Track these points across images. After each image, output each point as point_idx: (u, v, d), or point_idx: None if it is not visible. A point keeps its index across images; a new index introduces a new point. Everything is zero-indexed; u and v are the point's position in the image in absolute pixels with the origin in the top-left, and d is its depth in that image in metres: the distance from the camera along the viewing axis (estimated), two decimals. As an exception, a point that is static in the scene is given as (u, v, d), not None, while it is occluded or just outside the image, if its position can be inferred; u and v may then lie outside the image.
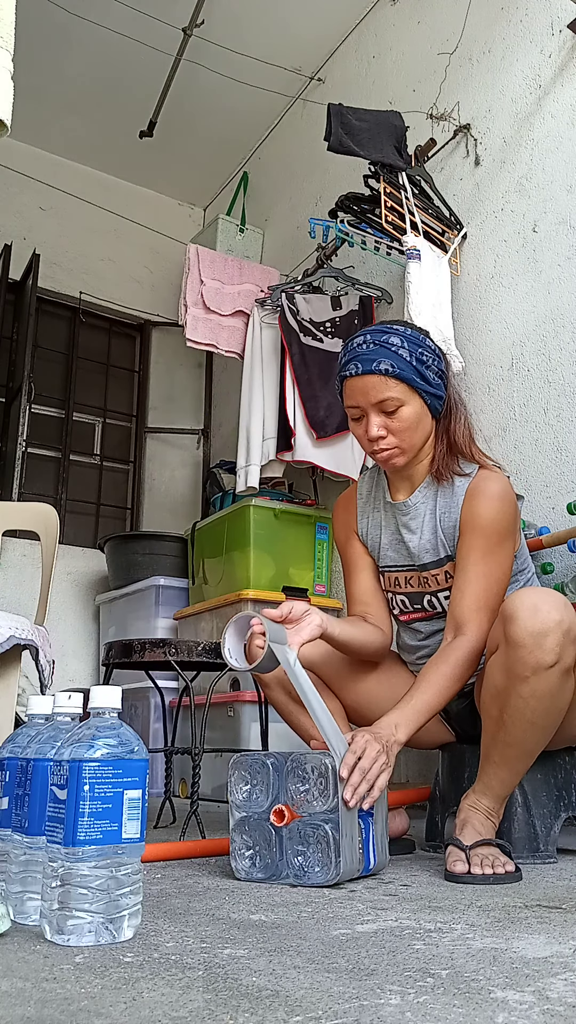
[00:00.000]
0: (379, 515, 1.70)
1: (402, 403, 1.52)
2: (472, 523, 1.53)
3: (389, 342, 1.51)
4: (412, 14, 3.53)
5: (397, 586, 1.70)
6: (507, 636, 1.31)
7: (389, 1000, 0.68)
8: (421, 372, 1.51)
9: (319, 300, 3.42)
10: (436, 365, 1.55)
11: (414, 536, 1.62)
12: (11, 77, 1.36)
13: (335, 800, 1.26)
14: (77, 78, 4.20)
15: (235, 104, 4.30)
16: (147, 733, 3.27)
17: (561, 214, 2.70)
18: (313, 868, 1.26)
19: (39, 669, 1.78)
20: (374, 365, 1.49)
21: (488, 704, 1.39)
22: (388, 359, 1.49)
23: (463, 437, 1.59)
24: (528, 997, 0.69)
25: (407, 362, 1.50)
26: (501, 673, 1.33)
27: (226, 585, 3.33)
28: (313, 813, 1.27)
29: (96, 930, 0.88)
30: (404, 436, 1.54)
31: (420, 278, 2.76)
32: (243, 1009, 0.66)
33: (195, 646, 1.99)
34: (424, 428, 1.57)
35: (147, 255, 4.90)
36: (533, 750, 1.39)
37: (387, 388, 1.50)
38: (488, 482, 1.54)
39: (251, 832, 1.32)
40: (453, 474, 1.58)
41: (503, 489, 1.54)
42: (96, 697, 0.96)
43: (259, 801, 1.33)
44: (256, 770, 1.34)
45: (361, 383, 1.52)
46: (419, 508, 1.62)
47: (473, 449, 1.60)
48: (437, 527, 1.59)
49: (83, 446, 4.66)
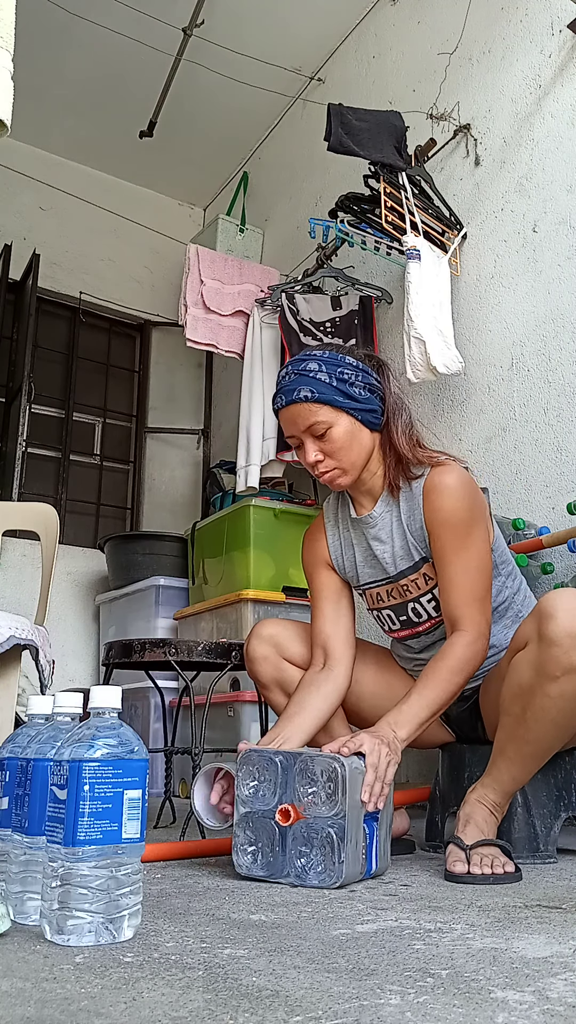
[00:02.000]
0: (348, 534, 1.70)
1: (330, 425, 1.52)
2: (436, 520, 1.53)
3: (307, 369, 1.52)
4: (412, 14, 3.53)
5: (380, 601, 1.70)
6: (543, 633, 1.30)
7: (389, 1000, 0.68)
8: (343, 391, 1.52)
9: (319, 300, 3.42)
10: (361, 380, 1.54)
11: (386, 546, 1.62)
12: (11, 77, 1.36)
13: (342, 806, 1.25)
14: (77, 78, 4.20)
15: (235, 104, 4.30)
16: (147, 733, 3.27)
17: (561, 214, 2.70)
18: (315, 870, 1.25)
19: (39, 669, 1.78)
20: (296, 394, 1.52)
21: (510, 700, 1.37)
22: (307, 386, 1.51)
23: (405, 445, 1.58)
24: (528, 997, 0.69)
25: (326, 384, 1.51)
26: (530, 670, 1.32)
27: (226, 585, 3.33)
28: (319, 816, 1.26)
29: (96, 930, 0.88)
30: (340, 456, 1.54)
31: (420, 278, 2.76)
32: (243, 1009, 0.66)
33: (195, 646, 1.99)
34: (361, 444, 1.56)
35: (147, 255, 4.90)
36: (550, 749, 1.39)
37: (311, 414, 1.52)
38: (442, 476, 1.54)
39: (255, 828, 1.32)
40: (408, 479, 1.58)
41: (459, 479, 1.54)
42: (96, 697, 0.96)
43: (266, 798, 1.32)
44: (264, 767, 1.33)
45: (288, 413, 1.55)
46: (384, 518, 1.62)
47: (418, 453, 1.59)
48: (405, 532, 1.59)
49: (83, 446, 4.66)
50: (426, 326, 2.73)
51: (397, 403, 1.61)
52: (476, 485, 1.58)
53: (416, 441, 1.60)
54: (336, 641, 1.63)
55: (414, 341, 2.72)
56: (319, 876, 1.25)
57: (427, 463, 1.58)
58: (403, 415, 1.60)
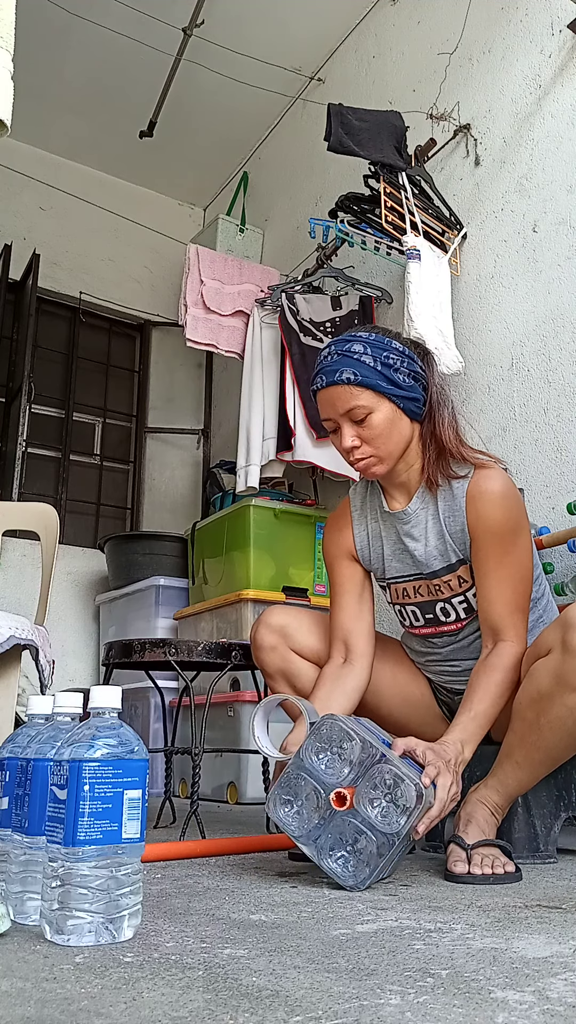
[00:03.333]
0: (377, 526, 1.64)
1: (371, 410, 1.46)
2: (482, 527, 1.48)
3: (351, 350, 1.47)
4: (412, 14, 3.53)
5: (406, 597, 1.64)
6: (567, 643, 1.28)
7: (389, 1000, 0.68)
8: (388, 376, 1.46)
9: (319, 300, 3.42)
10: (406, 367, 1.49)
11: (419, 544, 1.57)
12: (11, 77, 1.36)
13: (401, 829, 1.20)
14: (77, 78, 4.20)
15: (235, 104, 4.30)
16: (147, 733, 3.27)
17: (561, 214, 2.70)
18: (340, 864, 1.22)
19: (39, 669, 1.78)
20: (337, 375, 1.46)
21: (526, 706, 1.36)
22: (351, 368, 1.45)
23: (450, 439, 1.52)
24: (528, 997, 0.69)
25: (371, 368, 1.45)
26: (550, 678, 1.31)
27: (226, 585, 3.33)
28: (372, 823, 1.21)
29: (96, 930, 0.88)
30: (378, 444, 1.49)
31: (420, 278, 2.76)
32: (243, 1009, 0.66)
33: (195, 646, 1.99)
34: (400, 433, 1.50)
35: (147, 255, 4.90)
36: (560, 758, 1.38)
37: (353, 397, 1.46)
38: (489, 482, 1.49)
39: (307, 785, 1.25)
40: (448, 478, 1.52)
41: (504, 486, 1.49)
42: (96, 697, 0.96)
43: (334, 773, 1.25)
44: (341, 742, 1.25)
45: (328, 395, 1.49)
46: (419, 515, 1.57)
47: (463, 450, 1.53)
48: (443, 532, 1.54)
49: (83, 446, 4.66)
50: (426, 326, 2.73)
51: (441, 394, 1.55)
52: (518, 491, 1.54)
53: (461, 437, 1.55)
54: (358, 636, 1.59)
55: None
56: (345, 872, 1.21)
57: (471, 462, 1.53)
58: (447, 407, 1.55)
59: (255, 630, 1.67)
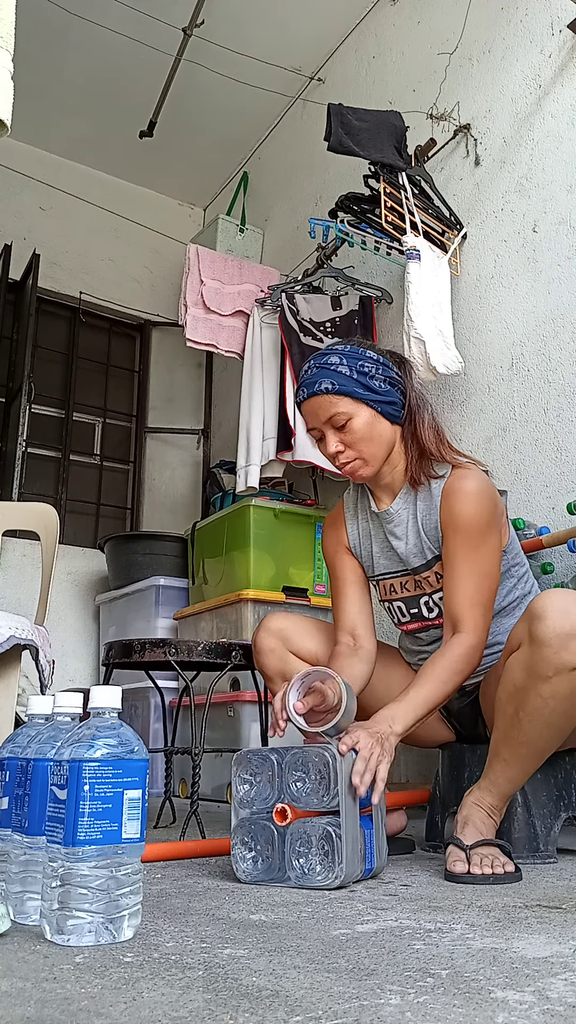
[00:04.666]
0: (367, 525, 1.73)
1: (350, 416, 1.56)
2: (451, 523, 1.55)
3: (328, 362, 1.57)
4: (412, 14, 3.53)
5: (393, 592, 1.72)
6: (533, 635, 1.30)
7: (389, 1000, 0.68)
8: (364, 383, 1.55)
9: (319, 300, 3.42)
10: (382, 373, 1.58)
11: (401, 542, 1.65)
12: (11, 77, 1.36)
13: (335, 791, 1.25)
14: (77, 78, 4.20)
15: (235, 104, 4.30)
16: (147, 733, 3.27)
17: (561, 214, 2.70)
18: (315, 870, 1.25)
19: (39, 669, 1.78)
20: (317, 387, 1.56)
21: (504, 702, 1.38)
22: (328, 378, 1.55)
23: (430, 440, 1.61)
24: (528, 997, 0.69)
25: (347, 377, 1.55)
26: (522, 671, 1.33)
27: (226, 585, 3.33)
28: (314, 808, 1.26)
29: (96, 930, 0.88)
30: (361, 447, 1.57)
31: (420, 278, 2.76)
32: (243, 1009, 0.66)
33: (195, 646, 1.99)
34: (381, 436, 1.59)
35: (147, 255, 4.90)
36: (545, 750, 1.39)
37: (332, 405, 1.56)
38: (462, 480, 1.56)
39: (253, 832, 1.31)
40: (428, 478, 1.60)
41: (478, 485, 1.55)
42: (96, 697, 0.96)
43: (262, 799, 1.32)
44: (257, 766, 1.33)
45: (310, 406, 1.59)
46: (401, 515, 1.64)
47: (443, 450, 1.62)
48: (420, 531, 1.62)
49: (83, 446, 4.66)
50: (426, 326, 2.73)
51: (419, 398, 1.63)
52: (495, 491, 1.60)
53: (441, 437, 1.63)
54: (364, 627, 1.66)
55: (414, 341, 2.72)
56: (319, 876, 1.24)
57: (450, 462, 1.61)
58: (427, 410, 1.63)
59: (256, 635, 1.73)
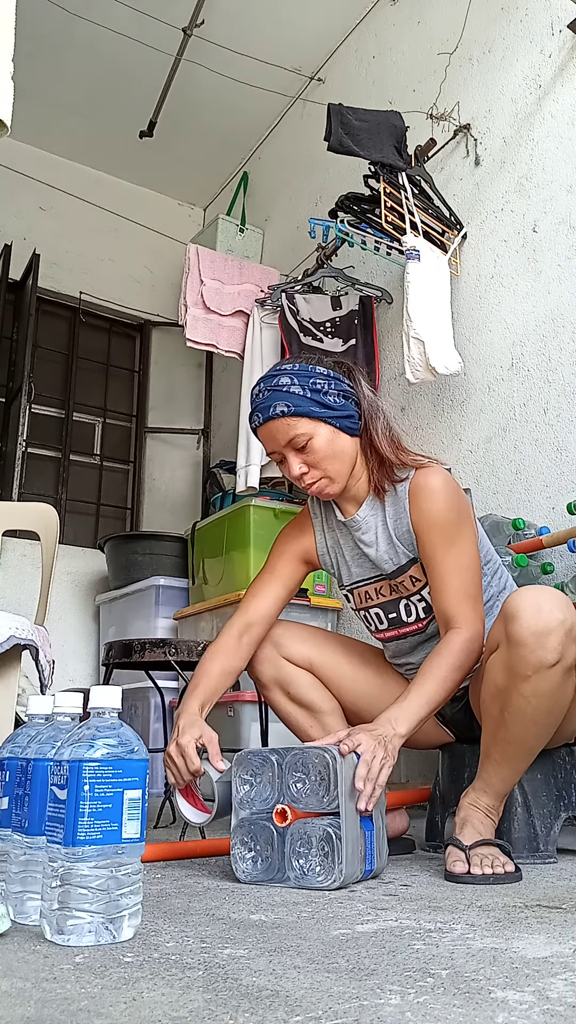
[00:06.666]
0: (335, 534, 1.71)
1: (310, 436, 1.53)
2: (423, 521, 1.54)
3: (279, 384, 1.53)
4: (412, 14, 3.53)
5: (369, 600, 1.70)
6: (509, 635, 1.31)
7: (389, 1000, 0.68)
8: (319, 400, 1.52)
9: (319, 300, 3.42)
10: (334, 387, 1.55)
11: (371, 549, 1.63)
12: (11, 77, 1.37)
13: (335, 797, 1.25)
14: (77, 78, 4.20)
15: (235, 104, 4.30)
16: (147, 733, 3.27)
17: (561, 214, 2.70)
18: (314, 871, 1.25)
19: (39, 669, 1.78)
20: (272, 411, 1.52)
21: (488, 702, 1.39)
22: (282, 400, 1.52)
23: (387, 448, 1.59)
24: (528, 997, 0.69)
25: (301, 396, 1.52)
26: (502, 672, 1.33)
27: (226, 585, 3.33)
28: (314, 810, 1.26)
29: (96, 930, 0.88)
30: (325, 465, 1.55)
31: (420, 278, 2.76)
32: (243, 1009, 0.66)
33: (195, 646, 1.99)
34: (344, 451, 1.56)
35: (147, 255, 4.90)
36: (534, 747, 1.40)
37: (290, 428, 1.52)
38: (426, 478, 1.55)
39: (252, 833, 1.31)
40: (392, 483, 1.59)
41: (443, 481, 1.55)
42: (96, 697, 0.96)
43: (262, 799, 1.32)
44: (257, 767, 1.33)
45: (267, 430, 1.55)
46: (369, 521, 1.62)
47: (400, 455, 1.60)
48: (391, 535, 1.60)
49: (83, 446, 4.66)
50: (426, 326, 2.73)
51: (372, 406, 1.61)
52: (458, 485, 1.59)
53: (397, 443, 1.61)
54: (262, 627, 1.65)
55: (413, 341, 2.72)
56: (319, 877, 1.24)
57: (411, 465, 1.59)
58: (380, 417, 1.61)
59: None
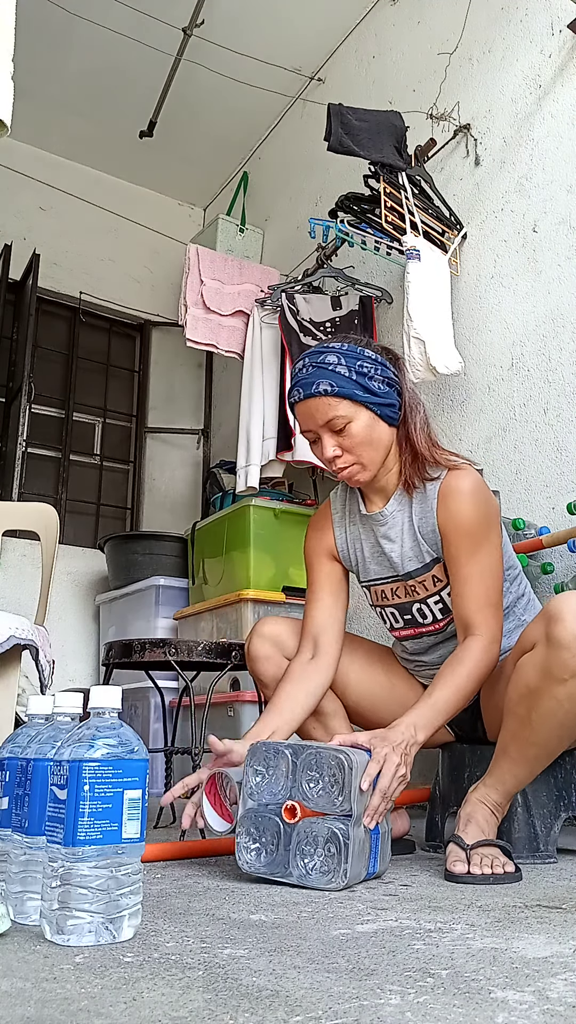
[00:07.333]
0: (356, 529, 1.68)
1: (349, 419, 1.50)
2: (451, 525, 1.51)
3: (326, 362, 1.49)
4: (412, 14, 3.53)
5: (384, 599, 1.68)
6: (550, 636, 1.29)
7: (389, 1000, 0.68)
8: (364, 384, 1.49)
9: (319, 300, 3.42)
10: (381, 373, 1.52)
11: (394, 545, 1.60)
12: (11, 77, 1.37)
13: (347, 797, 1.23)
14: (77, 78, 4.20)
15: (235, 104, 4.30)
16: (147, 733, 3.27)
17: (561, 214, 2.70)
18: (319, 871, 1.23)
19: (39, 669, 1.78)
20: (314, 388, 1.49)
21: (516, 702, 1.37)
22: (327, 379, 1.48)
23: (423, 443, 1.56)
24: (528, 997, 0.69)
25: (346, 378, 1.48)
26: (536, 672, 1.32)
27: (226, 585, 3.33)
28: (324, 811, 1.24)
29: (96, 930, 0.88)
30: (360, 452, 1.52)
31: (420, 278, 2.76)
32: (243, 1009, 0.66)
33: (195, 646, 1.99)
34: (380, 440, 1.54)
35: (147, 255, 4.90)
36: (555, 751, 1.39)
37: (331, 408, 1.49)
38: (458, 480, 1.53)
39: (259, 825, 1.29)
40: (423, 480, 1.56)
41: (474, 484, 1.53)
42: (96, 697, 0.96)
43: (272, 793, 1.29)
44: (271, 759, 1.31)
45: (306, 407, 1.52)
46: (396, 517, 1.60)
47: (436, 453, 1.57)
48: (416, 534, 1.57)
49: (83, 446, 4.66)
50: (426, 326, 2.73)
51: (414, 399, 1.58)
52: (489, 490, 1.57)
53: (433, 440, 1.59)
54: (329, 634, 1.61)
55: (414, 341, 2.72)
56: (323, 877, 1.23)
57: (444, 465, 1.56)
58: (420, 411, 1.58)
59: (249, 641, 1.69)
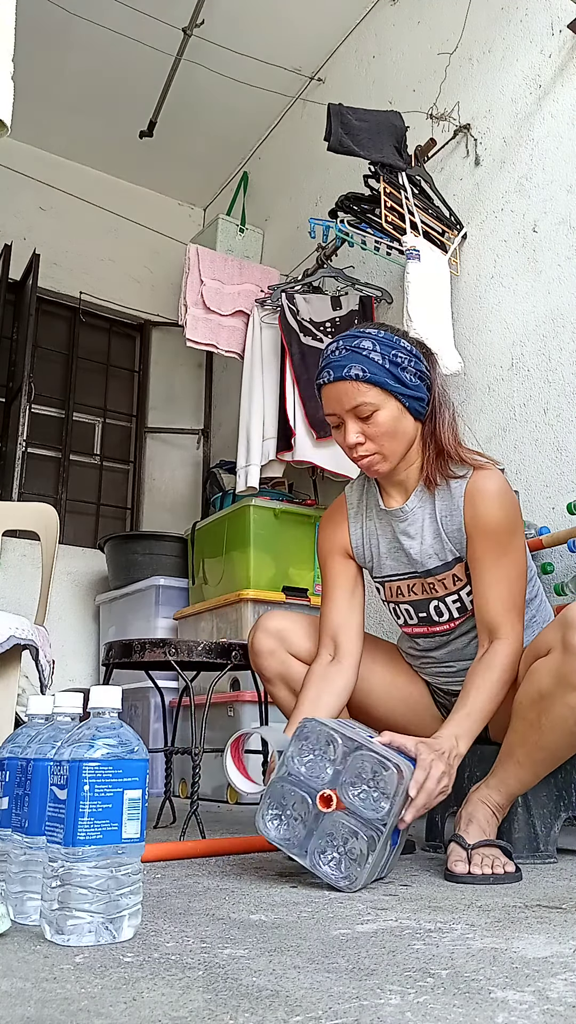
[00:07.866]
0: (373, 524, 1.65)
1: (377, 408, 1.47)
2: (480, 526, 1.49)
3: (360, 346, 1.47)
4: (412, 14, 3.53)
5: (400, 595, 1.65)
6: (567, 643, 1.28)
7: (389, 1000, 0.68)
8: (395, 374, 1.47)
9: (319, 300, 3.42)
10: (413, 366, 1.49)
11: (414, 542, 1.58)
12: (11, 77, 1.37)
13: (387, 810, 1.20)
14: (77, 78, 4.20)
15: (235, 104, 4.30)
16: (147, 733, 3.27)
17: (561, 214, 2.70)
18: (334, 864, 1.22)
19: (39, 669, 1.78)
20: (345, 371, 1.46)
21: (526, 706, 1.36)
22: (359, 364, 1.45)
23: (449, 440, 1.53)
24: (528, 997, 0.69)
25: (379, 365, 1.46)
26: (551, 678, 1.31)
27: (226, 585, 3.33)
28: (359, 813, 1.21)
29: (96, 930, 0.88)
30: (383, 441, 1.49)
31: (420, 278, 2.76)
32: (243, 1009, 0.66)
33: (195, 646, 1.99)
34: (405, 432, 1.51)
35: (147, 255, 4.90)
36: (562, 757, 1.38)
37: (360, 394, 1.46)
38: (486, 481, 1.50)
39: (292, 798, 1.26)
40: (446, 477, 1.53)
41: (501, 486, 1.51)
42: (96, 697, 0.96)
43: (313, 774, 1.26)
44: (321, 743, 1.27)
45: (334, 390, 1.48)
46: (416, 513, 1.57)
47: (461, 451, 1.55)
48: (440, 531, 1.55)
49: (83, 446, 4.66)
50: (426, 326, 2.73)
51: (443, 395, 1.56)
52: (513, 492, 1.55)
53: (458, 438, 1.56)
54: (348, 633, 1.58)
55: (414, 341, 2.72)
56: (337, 873, 1.21)
57: (469, 463, 1.54)
58: (448, 408, 1.56)
59: (252, 635, 1.67)
